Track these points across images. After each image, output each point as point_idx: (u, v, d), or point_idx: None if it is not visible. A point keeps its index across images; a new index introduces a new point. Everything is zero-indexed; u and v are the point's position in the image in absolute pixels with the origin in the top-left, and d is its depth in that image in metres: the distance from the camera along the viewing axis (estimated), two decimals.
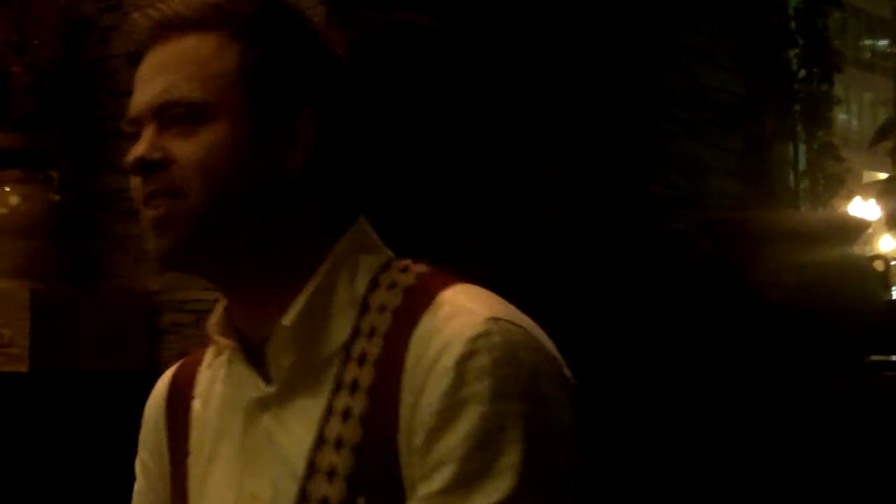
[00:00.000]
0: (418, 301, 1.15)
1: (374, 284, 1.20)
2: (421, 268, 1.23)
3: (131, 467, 1.42)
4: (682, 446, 3.00)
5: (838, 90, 3.93)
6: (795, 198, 3.82)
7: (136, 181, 1.20)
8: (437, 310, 1.13)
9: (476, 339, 1.08)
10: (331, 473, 1.11)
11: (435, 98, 2.87)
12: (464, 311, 1.12)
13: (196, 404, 1.33)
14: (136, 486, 1.44)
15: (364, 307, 1.18)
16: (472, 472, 1.04)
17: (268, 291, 1.21)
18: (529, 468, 1.04)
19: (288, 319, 1.18)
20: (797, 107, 3.82)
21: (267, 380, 1.21)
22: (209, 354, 1.35)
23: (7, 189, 2.98)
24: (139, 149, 1.19)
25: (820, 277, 3.31)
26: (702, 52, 3.84)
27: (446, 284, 1.18)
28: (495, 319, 1.11)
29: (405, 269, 1.22)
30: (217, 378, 1.31)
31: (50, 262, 2.99)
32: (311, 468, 1.13)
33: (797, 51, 3.87)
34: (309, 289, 1.19)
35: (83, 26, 3.07)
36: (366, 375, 1.13)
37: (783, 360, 3.12)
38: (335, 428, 1.13)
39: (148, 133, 1.19)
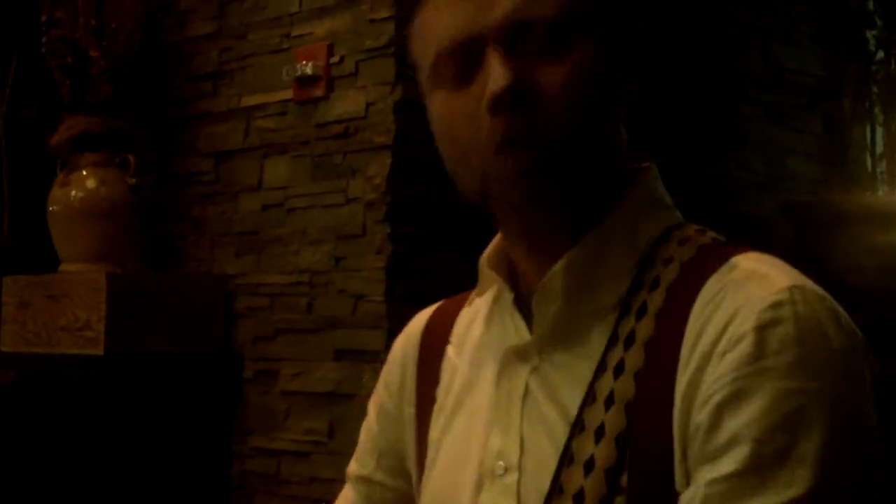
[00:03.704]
0: (710, 259, 1.02)
1: (663, 239, 1.07)
2: (715, 234, 1.09)
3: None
4: None
5: None
6: (873, 181, 3.76)
7: (493, 121, 1.01)
8: (729, 271, 1.00)
9: (779, 305, 0.95)
10: (599, 433, 0.98)
11: None
12: (759, 275, 0.99)
13: (450, 350, 1.21)
14: (366, 424, 1.31)
15: (649, 259, 1.05)
16: (768, 455, 0.91)
17: (560, 233, 1.07)
18: (833, 457, 0.91)
19: (560, 265, 1.05)
20: (875, 88, 3.76)
21: (531, 329, 1.09)
22: (473, 296, 1.21)
23: (84, 173, 3.00)
24: (503, 77, 1.00)
25: None
26: (780, 33, 3.79)
27: (741, 251, 1.04)
28: (799, 287, 0.97)
29: (701, 231, 1.09)
30: (476, 320, 1.19)
31: (126, 245, 3.02)
32: (577, 426, 1.00)
33: (875, 32, 3.81)
34: (591, 237, 1.06)
35: (161, 9, 3.08)
36: (644, 328, 1.00)
37: None
38: (606, 384, 1.00)
39: (495, 61, 1.01)
